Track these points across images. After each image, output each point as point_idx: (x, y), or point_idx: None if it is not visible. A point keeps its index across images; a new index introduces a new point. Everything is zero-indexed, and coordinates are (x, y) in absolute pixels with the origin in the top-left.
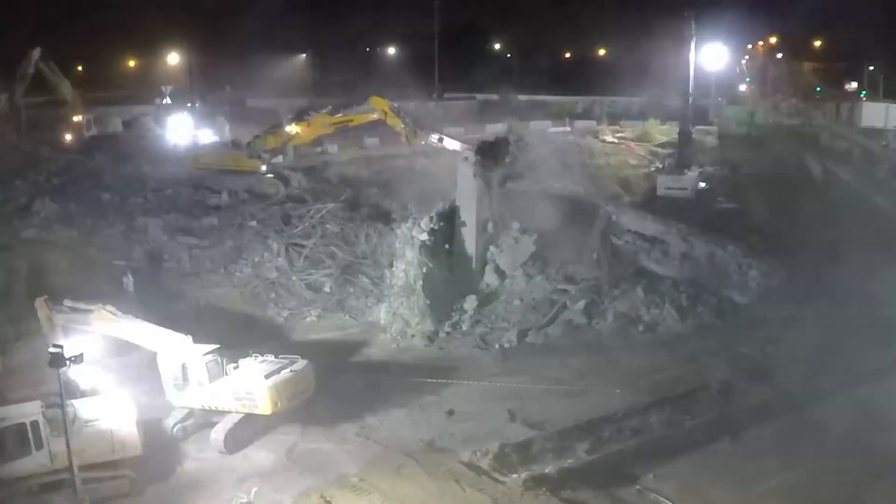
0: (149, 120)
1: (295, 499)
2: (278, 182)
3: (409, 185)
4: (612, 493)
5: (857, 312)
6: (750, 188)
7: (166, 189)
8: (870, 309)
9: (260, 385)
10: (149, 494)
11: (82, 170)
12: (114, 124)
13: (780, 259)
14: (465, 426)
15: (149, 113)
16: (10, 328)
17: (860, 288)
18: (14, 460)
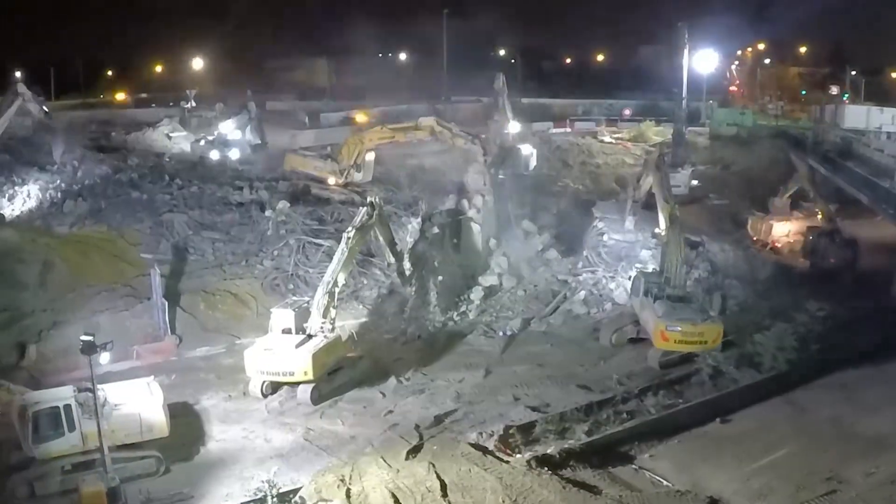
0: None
1: (312, 477)
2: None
3: (420, 182)
4: (611, 473)
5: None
6: (739, 186)
7: (191, 186)
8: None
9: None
10: (175, 473)
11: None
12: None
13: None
14: (472, 409)
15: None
16: (45, 317)
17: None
18: (48, 441)
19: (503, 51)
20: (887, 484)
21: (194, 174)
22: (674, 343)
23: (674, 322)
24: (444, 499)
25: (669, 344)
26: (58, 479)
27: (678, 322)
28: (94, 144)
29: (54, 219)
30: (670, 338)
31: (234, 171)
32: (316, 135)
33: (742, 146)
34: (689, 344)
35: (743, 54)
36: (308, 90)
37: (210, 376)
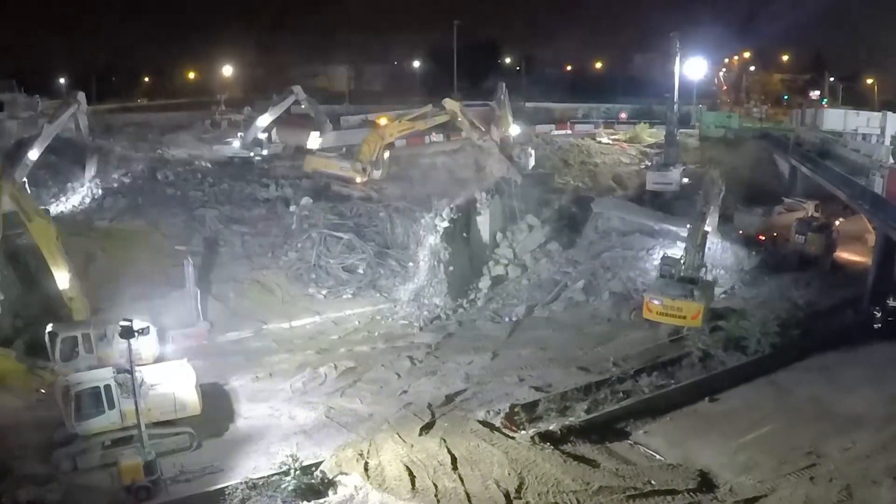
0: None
1: (333, 452)
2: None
3: (432, 179)
4: (608, 447)
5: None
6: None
7: (221, 184)
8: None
9: None
10: (206, 448)
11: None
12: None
13: (751, 245)
14: (481, 389)
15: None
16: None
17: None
18: (90, 419)
19: (509, 59)
20: (863, 458)
21: (224, 173)
22: (655, 314)
23: (657, 295)
24: (455, 472)
25: (652, 315)
26: (98, 454)
27: (660, 296)
28: (131, 146)
29: (96, 214)
30: (653, 309)
31: (261, 169)
32: (336, 136)
33: (729, 147)
34: (669, 317)
35: (730, 62)
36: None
37: (239, 359)
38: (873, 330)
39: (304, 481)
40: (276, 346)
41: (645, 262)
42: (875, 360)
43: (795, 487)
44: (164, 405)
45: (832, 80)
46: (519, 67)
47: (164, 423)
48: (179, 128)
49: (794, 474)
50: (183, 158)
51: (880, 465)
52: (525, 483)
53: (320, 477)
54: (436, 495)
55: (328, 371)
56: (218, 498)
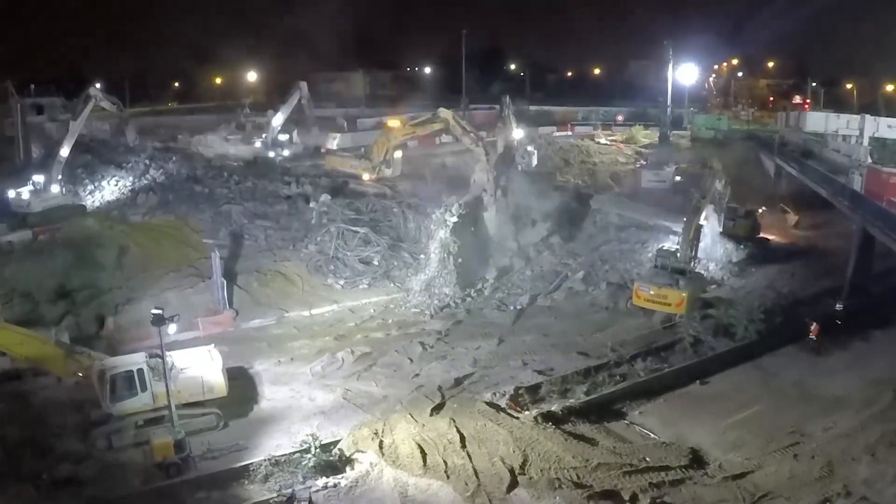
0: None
1: (350, 431)
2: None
3: (442, 178)
4: (606, 427)
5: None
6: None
7: (246, 182)
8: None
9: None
10: (232, 428)
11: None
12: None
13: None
14: (487, 373)
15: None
16: (120, 294)
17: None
18: (124, 400)
19: (514, 65)
20: (843, 437)
21: (249, 171)
22: (644, 301)
23: (645, 283)
24: (463, 449)
25: (641, 301)
26: (132, 433)
27: (648, 284)
28: (162, 146)
29: (129, 209)
30: (641, 296)
31: (283, 168)
32: (353, 137)
33: (718, 147)
34: (655, 303)
35: (719, 68)
36: (346, 99)
37: (262, 345)
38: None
39: (324, 458)
40: (296, 332)
41: (640, 254)
42: (854, 345)
43: (780, 464)
44: (193, 388)
45: (814, 85)
46: (523, 73)
47: (192, 405)
48: (207, 130)
49: (778, 452)
50: (210, 158)
51: (859, 443)
52: (529, 460)
53: (338, 454)
54: (446, 471)
55: (345, 356)
56: (243, 474)
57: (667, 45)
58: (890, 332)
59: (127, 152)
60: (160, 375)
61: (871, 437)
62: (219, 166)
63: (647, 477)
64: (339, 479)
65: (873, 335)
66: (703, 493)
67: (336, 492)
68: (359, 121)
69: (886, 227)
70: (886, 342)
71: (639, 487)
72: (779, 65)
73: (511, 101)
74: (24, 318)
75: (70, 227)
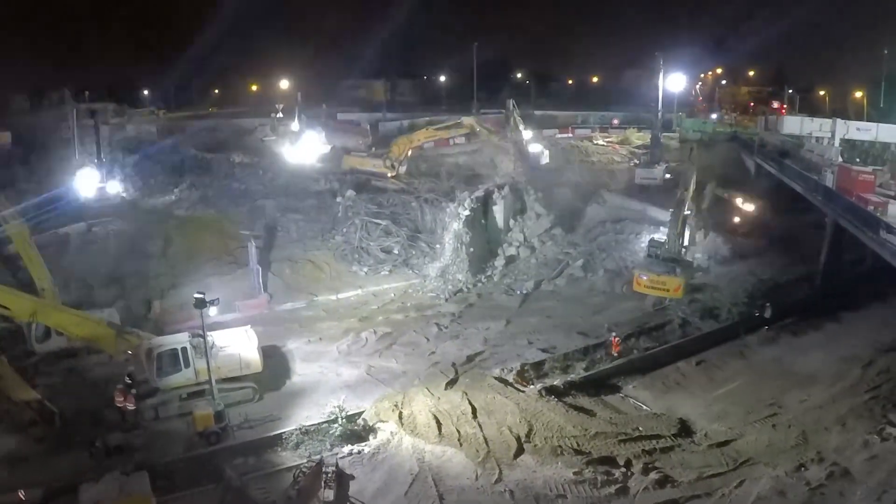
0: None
1: (373, 403)
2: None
3: (455, 175)
4: (603, 400)
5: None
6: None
7: (279, 178)
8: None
9: None
10: (266, 400)
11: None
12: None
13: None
14: (496, 351)
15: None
16: (166, 280)
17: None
18: (169, 375)
19: (520, 74)
20: (816, 409)
21: (281, 169)
22: (644, 287)
23: (644, 271)
24: (475, 420)
25: (641, 287)
26: (176, 405)
27: (648, 272)
28: (204, 146)
29: (174, 205)
30: (641, 283)
31: (312, 166)
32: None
33: (704, 148)
34: (654, 289)
35: (705, 76)
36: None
37: (294, 325)
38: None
39: (349, 428)
40: (325, 314)
41: (633, 244)
42: (826, 326)
43: (760, 433)
44: (231, 364)
45: (791, 92)
46: (528, 81)
47: (231, 380)
48: (244, 132)
49: (758, 422)
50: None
51: (831, 414)
52: (534, 429)
53: (362, 424)
54: (459, 439)
55: (369, 336)
56: (276, 442)
57: (658, 56)
58: (859, 313)
59: (171, 153)
60: (202, 353)
61: (841, 408)
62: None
63: (640, 444)
64: (362, 446)
65: (844, 317)
66: (691, 458)
67: (360, 458)
68: (380, 124)
69: (855, 219)
70: (855, 323)
71: (633, 454)
72: (759, 73)
73: (516, 104)
74: (79, 302)
75: (121, 219)
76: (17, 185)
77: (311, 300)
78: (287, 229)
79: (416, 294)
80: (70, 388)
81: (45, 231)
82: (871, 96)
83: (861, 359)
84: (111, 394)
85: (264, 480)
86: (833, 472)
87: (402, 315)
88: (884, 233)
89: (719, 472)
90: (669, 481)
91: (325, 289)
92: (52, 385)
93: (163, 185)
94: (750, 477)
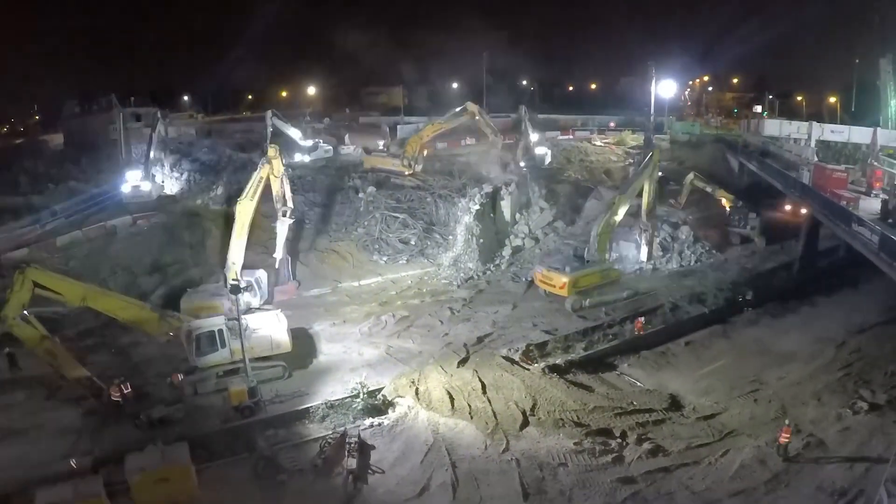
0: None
1: (391, 380)
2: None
3: (466, 173)
4: (600, 377)
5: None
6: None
7: (307, 176)
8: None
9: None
10: (295, 377)
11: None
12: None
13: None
14: (504, 332)
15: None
16: (202, 269)
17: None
18: (207, 355)
19: (525, 81)
20: (794, 385)
21: (309, 168)
22: (538, 281)
23: (542, 266)
24: (484, 395)
25: (537, 281)
26: (213, 382)
27: (544, 266)
28: (238, 147)
29: (211, 200)
30: (538, 276)
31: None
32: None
33: (693, 148)
34: (544, 284)
35: (693, 83)
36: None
37: (320, 309)
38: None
39: (370, 402)
40: (348, 299)
41: (626, 236)
42: (803, 310)
43: (743, 407)
44: (263, 345)
45: (771, 98)
46: (533, 87)
47: (263, 359)
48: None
49: (741, 397)
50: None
51: (807, 390)
52: (538, 404)
53: (382, 399)
54: (470, 413)
55: (388, 319)
56: (304, 415)
57: (650, 65)
58: (832, 298)
59: (209, 153)
60: (236, 335)
61: (817, 385)
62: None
63: (634, 418)
64: (382, 419)
65: (819, 301)
66: (680, 430)
67: (380, 430)
68: (399, 127)
69: (830, 213)
70: (829, 307)
71: (627, 426)
72: (742, 81)
73: (527, 110)
74: (125, 288)
75: (163, 213)
76: (69, 181)
77: (335, 286)
78: (314, 222)
79: (431, 281)
80: (118, 367)
81: (95, 224)
82: (844, 101)
83: (834, 339)
84: (155, 373)
85: (293, 450)
86: (809, 442)
87: (418, 300)
88: (855, 225)
89: (706, 443)
90: (661, 451)
91: (348, 276)
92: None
93: (201, 183)
94: (734, 447)
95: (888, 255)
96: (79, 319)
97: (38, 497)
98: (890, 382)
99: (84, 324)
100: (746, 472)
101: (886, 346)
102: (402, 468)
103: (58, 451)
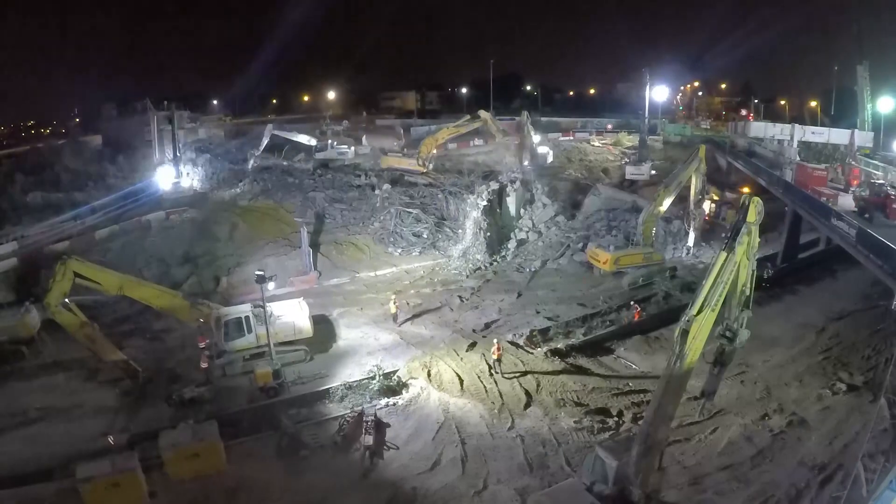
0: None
1: (405, 363)
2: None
3: (475, 171)
4: (599, 360)
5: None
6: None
7: (327, 174)
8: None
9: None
10: (316, 360)
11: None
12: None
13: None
14: (509, 319)
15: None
16: (231, 260)
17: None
18: (234, 340)
19: (529, 86)
20: (778, 367)
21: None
22: (589, 256)
23: (593, 244)
24: (491, 377)
25: (588, 256)
26: (241, 364)
27: (595, 245)
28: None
29: (238, 196)
30: (588, 253)
31: (354, 164)
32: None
33: (684, 148)
34: (593, 259)
35: (685, 88)
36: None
37: (339, 298)
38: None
39: (385, 384)
40: (365, 288)
41: (623, 230)
42: (786, 298)
43: (731, 388)
44: (287, 330)
45: (756, 102)
46: (536, 92)
47: (286, 343)
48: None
49: (729, 378)
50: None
51: (790, 372)
52: (541, 385)
53: (396, 381)
54: (477, 393)
55: (402, 306)
56: (325, 395)
57: (645, 71)
58: (812, 287)
59: (236, 152)
60: (262, 321)
61: (799, 367)
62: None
63: (630, 398)
64: (397, 399)
65: (800, 290)
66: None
67: (395, 409)
68: (412, 129)
69: (810, 208)
70: (810, 295)
71: (624, 406)
72: (729, 86)
73: (529, 115)
74: (158, 278)
75: (194, 209)
76: (107, 179)
77: (353, 276)
78: (333, 217)
79: (442, 271)
80: (153, 350)
81: (131, 218)
82: (824, 105)
83: (815, 326)
84: (186, 355)
85: (314, 427)
86: (792, 420)
87: (430, 289)
88: (834, 220)
89: (696, 421)
90: None
91: (365, 267)
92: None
93: (229, 180)
94: (722, 425)
95: (864, 247)
96: (116, 307)
97: (79, 471)
98: (867, 365)
99: (121, 311)
100: (734, 448)
101: (863, 332)
102: (415, 444)
103: (96, 428)
